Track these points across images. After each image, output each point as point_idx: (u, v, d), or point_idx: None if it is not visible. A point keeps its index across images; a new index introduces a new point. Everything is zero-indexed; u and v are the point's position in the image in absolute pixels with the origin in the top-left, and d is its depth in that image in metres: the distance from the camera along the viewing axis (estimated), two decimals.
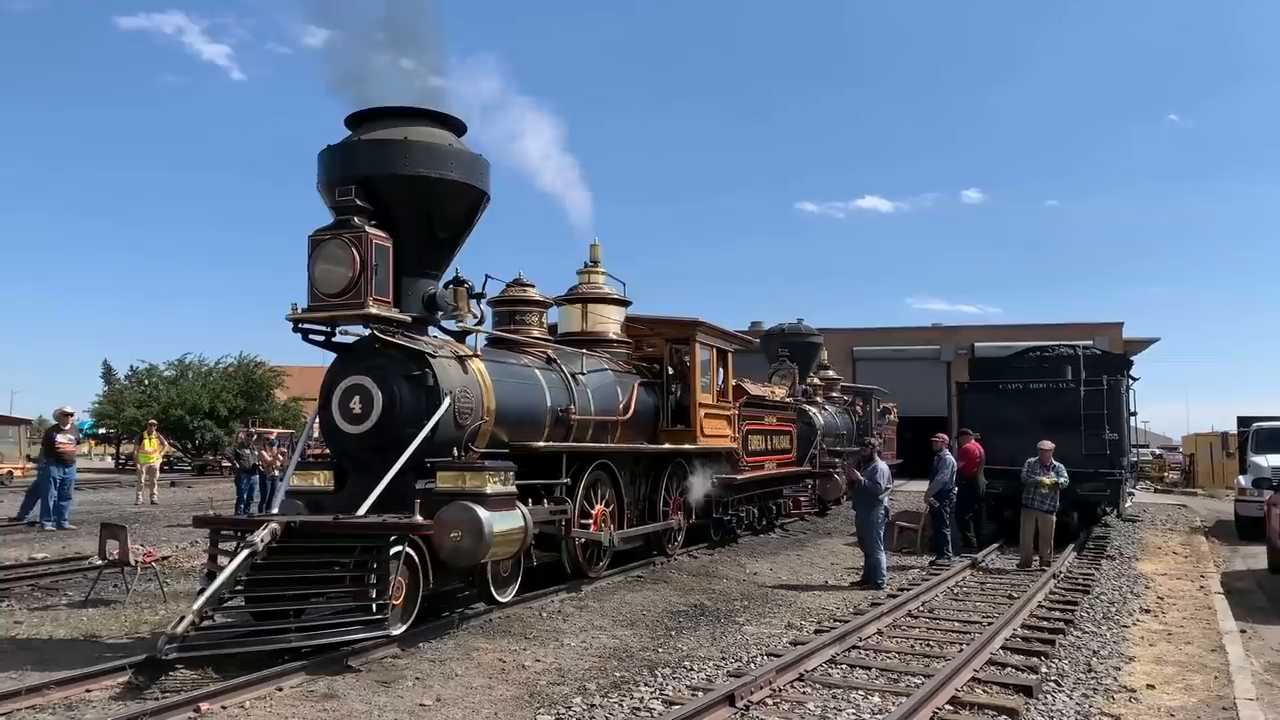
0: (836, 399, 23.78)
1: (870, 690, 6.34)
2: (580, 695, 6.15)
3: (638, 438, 11.99)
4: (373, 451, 8.10)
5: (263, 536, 6.90)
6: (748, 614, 9.21)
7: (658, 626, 8.49)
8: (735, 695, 5.84)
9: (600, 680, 6.57)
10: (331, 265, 7.93)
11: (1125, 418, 16.42)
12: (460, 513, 7.27)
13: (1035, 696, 6.22)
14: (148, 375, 42.11)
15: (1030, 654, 7.47)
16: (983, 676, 6.72)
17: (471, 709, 5.89)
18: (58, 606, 9.18)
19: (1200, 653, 7.79)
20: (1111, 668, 7.16)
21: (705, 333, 13.25)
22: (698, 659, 7.25)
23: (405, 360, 8.32)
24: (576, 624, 8.51)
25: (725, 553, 13.72)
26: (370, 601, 7.00)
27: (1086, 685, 6.63)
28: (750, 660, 7.15)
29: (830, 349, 28.75)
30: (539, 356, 10.58)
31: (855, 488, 11.82)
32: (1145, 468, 34.52)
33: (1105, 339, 33.85)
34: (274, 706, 5.82)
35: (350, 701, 5.99)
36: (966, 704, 6.05)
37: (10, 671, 6.51)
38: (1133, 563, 13.10)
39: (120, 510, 18.97)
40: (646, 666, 6.97)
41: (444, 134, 8.66)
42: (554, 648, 7.58)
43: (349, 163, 8.36)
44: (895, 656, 7.45)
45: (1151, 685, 6.71)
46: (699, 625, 8.59)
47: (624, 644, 7.77)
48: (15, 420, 35.42)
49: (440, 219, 8.62)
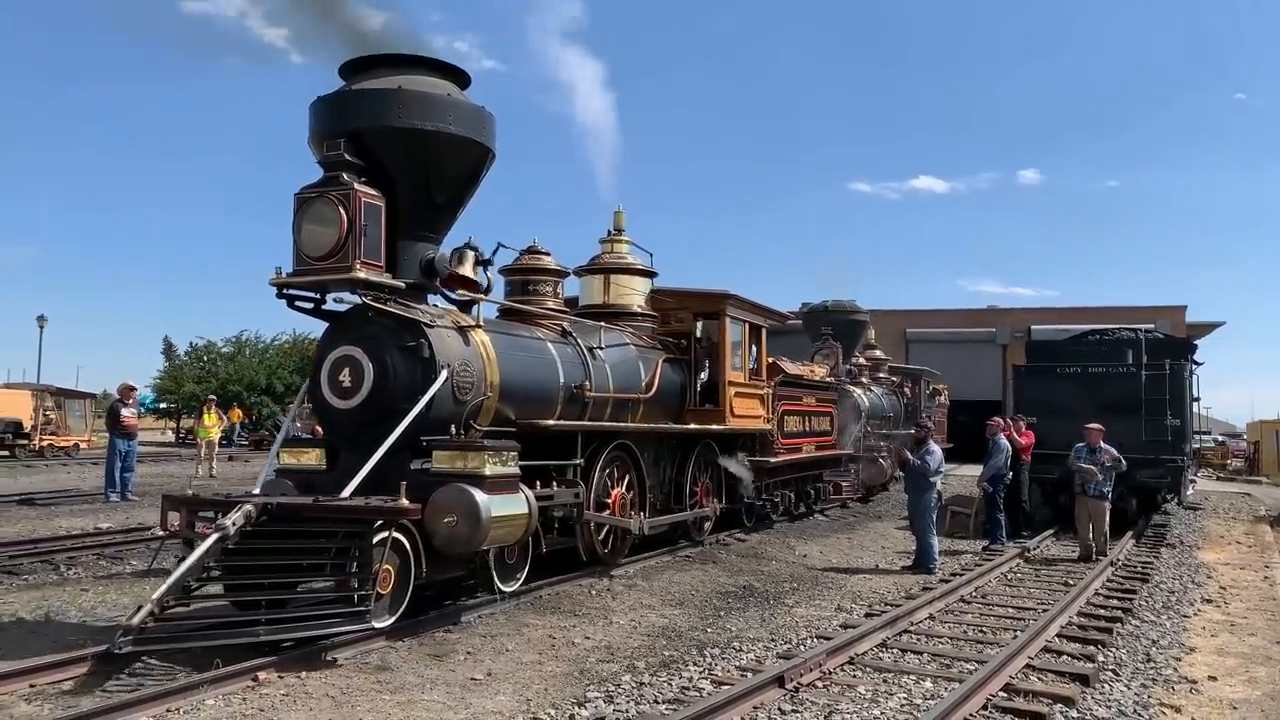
0: (884, 380, 23.06)
1: (922, 675, 6.27)
2: (629, 673, 6.18)
3: (662, 417, 11.30)
4: (364, 428, 7.52)
5: (235, 520, 6.39)
6: (797, 596, 9.17)
7: (706, 607, 8.49)
8: (785, 677, 5.82)
9: (649, 659, 6.59)
10: (318, 225, 7.31)
11: (1187, 403, 16.03)
12: (455, 496, 6.84)
13: (1092, 685, 6.11)
14: (206, 351, 43.14)
15: (1087, 642, 7.33)
16: (1038, 664, 6.60)
17: (522, 684, 5.95)
18: (122, 575, 9.46)
19: (1264, 644, 7.59)
20: (1171, 658, 7.01)
21: (736, 306, 12.55)
22: (747, 640, 7.23)
23: (399, 330, 7.70)
24: (625, 602, 8.54)
25: (773, 535, 13.67)
26: (352, 592, 6.40)
27: (1145, 675, 6.50)
28: (800, 642, 7.12)
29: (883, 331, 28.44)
30: (553, 329, 9.88)
31: (907, 471, 11.67)
32: (1207, 455, 33.73)
33: (1168, 323, 33.00)
34: (329, 677, 5.93)
35: (403, 674, 6.08)
36: (1021, 691, 5.95)
37: None
38: (1194, 552, 12.80)
39: (180, 483, 19.45)
40: (695, 646, 6.98)
41: (443, 83, 7.99)
42: (603, 625, 7.62)
43: (339, 115, 7.72)
44: (947, 642, 7.37)
45: (1213, 677, 6.55)
46: (748, 606, 8.57)
47: (673, 623, 7.78)
48: (81, 394, 36.35)
49: (439, 176, 7.95)
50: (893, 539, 13.66)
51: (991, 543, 12.72)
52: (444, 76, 8.08)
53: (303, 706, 5.39)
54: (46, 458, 29.58)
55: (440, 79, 8.02)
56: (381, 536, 6.54)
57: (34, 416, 30.95)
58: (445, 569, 7.53)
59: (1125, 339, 16.63)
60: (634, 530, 9.99)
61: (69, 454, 30.92)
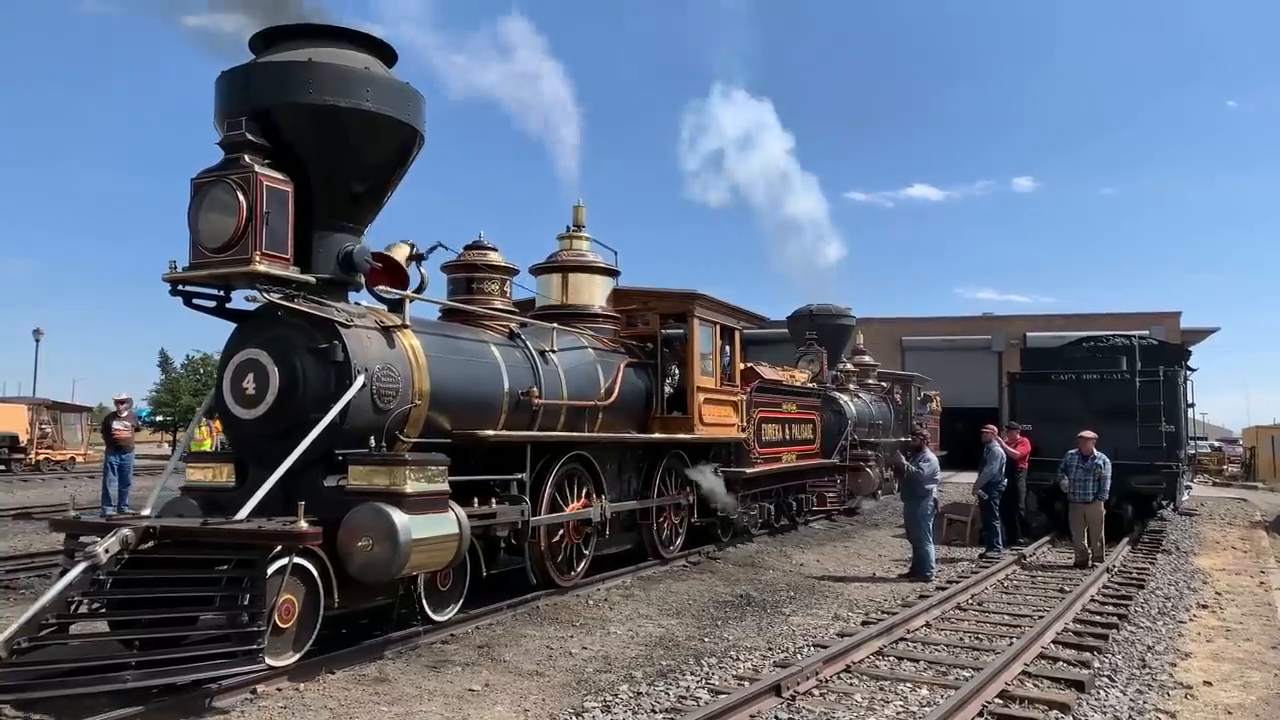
0: (872, 386, 22.37)
1: (918, 683, 6.29)
2: (627, 683, 6.19)
3: (625, 426, 10.53)
4: (271, 440, 6.74)
5: (109, 546, 5.64)
6: (794, 605, 9.18)
7: (703, 616, 8.51)
8: (781, 685, 5.85)
9: (647, 668, 6.61)
10: (214, 214, 6.55)
11: (1183, 409, 16.05)
12: (370, 517, 6.18)
13: (1088, 691, 6.13)
14: (202, 364, 43.17)
15: (1083, 649, 7.35)
16: (1034, 670, 6.64)
17: (520, 694, 5.96)
18: None
19: (1260, 649, 7.61)
20: (1167, 664, 7.03)
21: (705, 306, 11.78)
22: (744, 649, 7.25)
23: (310, 330, 6.92)
24: (623, 612, 8.56)
25: (771, 544, 13.68)
26: (240, 629, 5.56)
27: (1141, 681, 6.52)
28: (797, 651, 7.14)
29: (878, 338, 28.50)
30: (500, 331, 9.10)
31: (903, 479, 11.68)
32: (1203, 461, 33.79)
33: (1162, 329, 33.17)
34: (326, 689, 5.94)
35: (401, 685, 6.09)
36: (1017, 698, 5.98)
37: None
38: (1190, 557, 12.82)
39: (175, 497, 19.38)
40: (693, 656, 6.99)
41: (360, 56, 7.19)
42: (600, 635, 7.63)
43: (242, 91, 6.92)
44: (944, 649, 7.39)
45: (1209, 682, 6.58)
46: (745, 615, 8.59)
47: (670, 633, 7.79)
48: (77, 408, 36.33)
49: (357, 160, 7.17)
50: (889, 547, 13.67)
51: (988, 550, 12.74)
52: (365, 50, 7.29)
53: (300, 718, 5.40)
54: (43, 471, 29.58)
55: (360, 52, 7.24)
56: (280, 564, 5.85)
57: (30, 430, 30.95)
58: (364, 597, 6.81)
59: (1120, 345, 16.68)
60: (594, 519, 9.42)
61: (65, 468, 30.93)
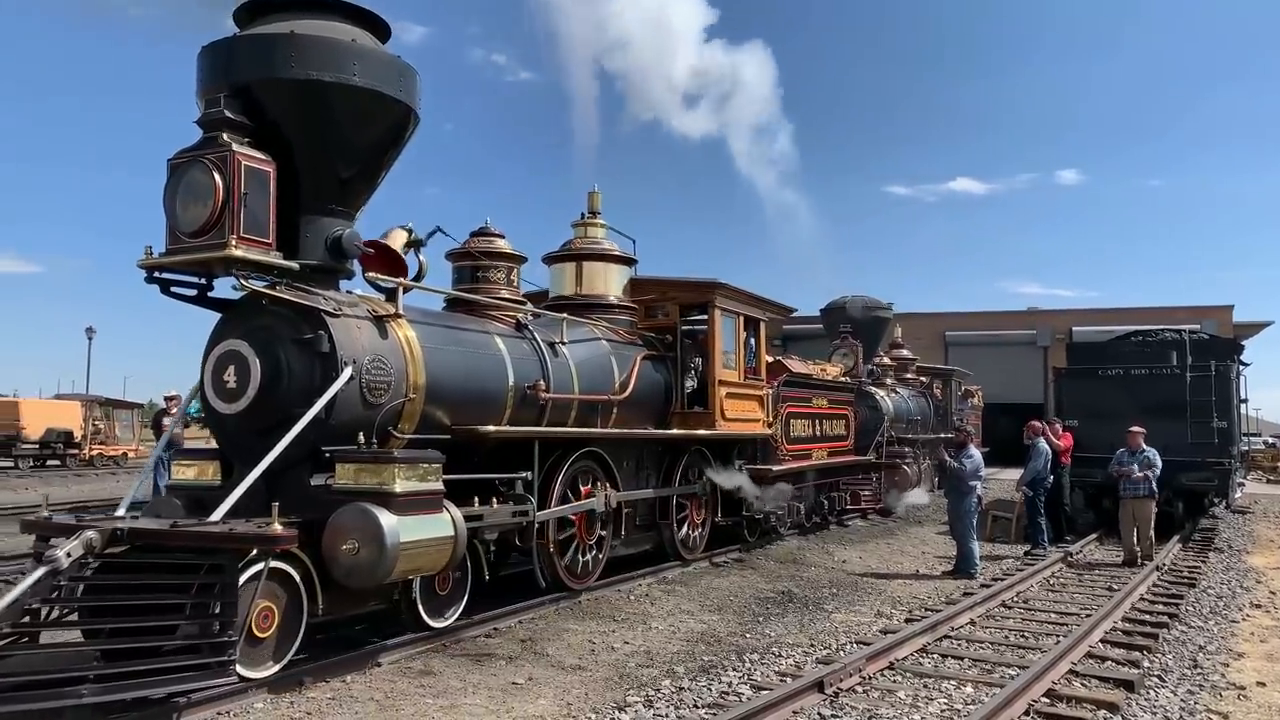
0: (911, 381, 21.79)
1: (963, 680, 6.24)
2: (669, 678, 6.22)
3: (642, 422, 10.13)
4: (255, 436, 6.40)
5: (71, 550, 5.30)
6: (836, 601, 9.14)
7: (745, 612, 8.50)
8: (824, 682, 5.83)
9: (688, 664, 6.62)
10: (190, 196, 6.16)
11: (1235, 405, 15.74)
12: (354, 518, 5.83)
13: (1137, 691, 6.05)
14: None
15: (1132, 648, 7.24)
16: (1081, 670, 6.55)
17: (562, 688, 6.01)
18: None
19: None
20: (1219, 664, 6.91)
21: (727, 296, 11.28)
22: (786, 645, 7.24)
23: (295, 320, 6.54)
24: (664, 608, 8.58)
25: (812, 541, 13.62)
26: (211, 638, 5.24)
27: (1192, 681, 6.41)
28: (839, 648, 7.11)
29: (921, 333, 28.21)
30: (506, 322, 8.70)
31: (947, 475, 11.56)
32: (1256, 457, 33.02)
33: (1214, 323, 32.40)
34: (373, 681, 6.03)
35: (445, 678, 6.17)
36: (1064, 697, 5.91)
37: None
38: (1242, 556, 12.57)
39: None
40: (734, 651, 6.99)
41: (347, 28, 6.76)
42: (642, 631, 7.67)
43: (222, 66, 6.52)
44: (989, 647, 7.32)
45: (1262, 683, 6.45)
46: (787, 612, 8.57)
47: (711, 629, 7.80)
48: (128, 404, 37.16)
49: (344, 139, 6.76)
50: (933, 543, 13.56)
51: (1033, 547, 12.57)
52: (355, 23, 6.88)
53: (349, 710, 5.49)
54: (96, 467, 30.32)
55: (348, 24, 6.83)
56: (256, 569, 5.54)
57: (84, 427, 31.75)
58: (352, 604, 6.52)
59: (1169, 340, 16.38)
60: (598, 509, 8.93)
61: (117, 463, 31.67)
